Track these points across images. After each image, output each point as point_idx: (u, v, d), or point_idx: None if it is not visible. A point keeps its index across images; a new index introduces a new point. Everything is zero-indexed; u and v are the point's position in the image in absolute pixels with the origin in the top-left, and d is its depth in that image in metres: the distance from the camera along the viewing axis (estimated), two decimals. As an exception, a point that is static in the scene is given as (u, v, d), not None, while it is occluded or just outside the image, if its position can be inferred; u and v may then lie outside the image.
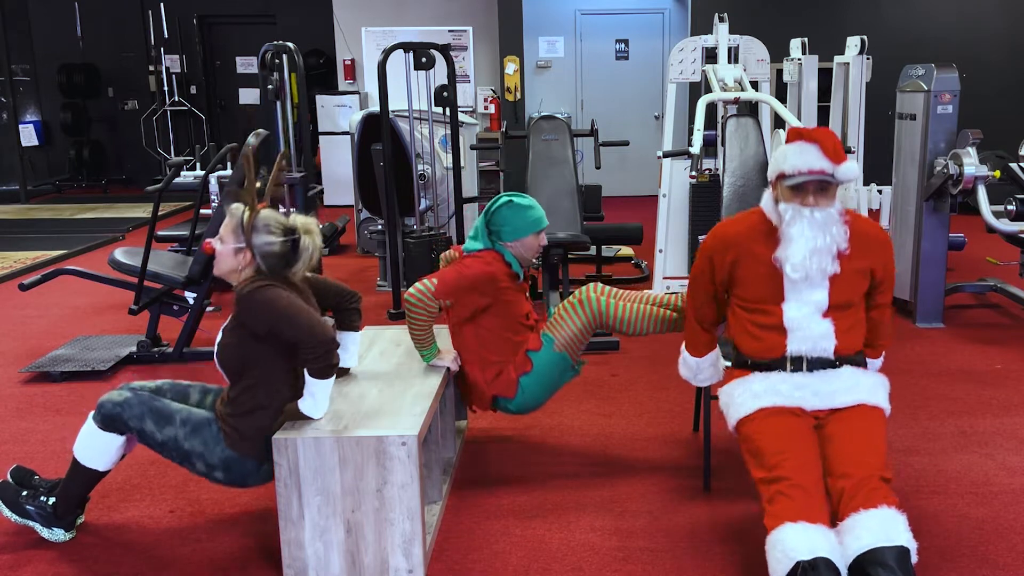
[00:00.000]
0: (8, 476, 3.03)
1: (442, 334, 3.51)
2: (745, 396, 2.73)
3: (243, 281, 2.73)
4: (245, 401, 2.73)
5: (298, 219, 2.79)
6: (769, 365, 2.76)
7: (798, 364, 2.73)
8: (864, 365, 2.81)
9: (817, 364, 2.72)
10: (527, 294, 3.41)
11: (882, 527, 2.36)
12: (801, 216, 2.66)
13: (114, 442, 2.82)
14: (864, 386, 2.72)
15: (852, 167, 2.63)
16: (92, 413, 2.83)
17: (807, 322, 2.71)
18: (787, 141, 2.71)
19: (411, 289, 3.16)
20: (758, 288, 2.76)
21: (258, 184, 2.75)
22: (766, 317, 2.75)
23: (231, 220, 2.74)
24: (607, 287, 3.42)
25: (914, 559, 2.36)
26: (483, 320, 3.25)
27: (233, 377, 2.75)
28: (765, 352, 2.76)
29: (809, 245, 2.64)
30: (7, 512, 2.93)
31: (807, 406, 2.69)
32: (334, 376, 2.69)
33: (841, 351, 2.73)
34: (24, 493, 2.95)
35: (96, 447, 2.83)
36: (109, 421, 2.79)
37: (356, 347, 3.13)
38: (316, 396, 2.68)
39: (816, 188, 2.66)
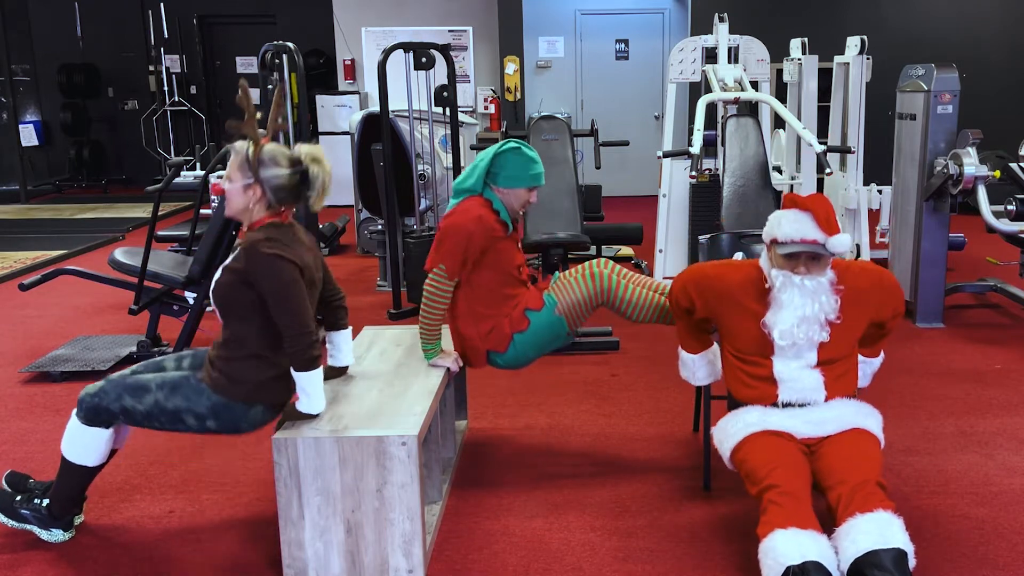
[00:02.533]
0: (2, 482, 3.02)
1: (444, 334, 3.51)
2: (737, 427, 2.78)
3: (258, 225, 2.71)
4: (237, 347, 2.71)
5: (303, 148, 2.76)
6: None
7: (789, 406, 2.78)
8: (854, 396, 2.85)
9: (807, 405, 2.78)
10: (519, 244, 3.38)
11: (879, 530, 2.37)
12: (792, 284, 2.69)
13: (100, 436, 2.81)
14: (852, 414, 2.76)
15: (845, 240, 2.65)
16: (75, 410, 2.83)
17: (797, 375, 2.76)
18: (782, 207, 2.74)
19: (427, 281, 3.16)
20: (748, 342, 2.80)
21: (259, 115, 2.73)
22: (757, 368, 2.80)
23: (236, 157, 2.70)
24: (618, 266, 3.39)
25: (912, 562, 2.37)
26: (474, 276, 3.24)
27: (226, 317, 2.73)
28: (757, 399, 2.81)
29: (798, 314, 2.67)
30: (3, 518, 2.93)
31: (798, 434, 2.73)
32: (320, 369, 2.68)
33: (831, 398, 2.78)
34: (18, 498, 2.94)
35: (83, 443, 2.82)
36: (92, 414, 2.78)
37: (349, 345, 3.11)
38: (308, 392, 2.67)
39: (808, 258, 2.68)
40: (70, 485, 2.88)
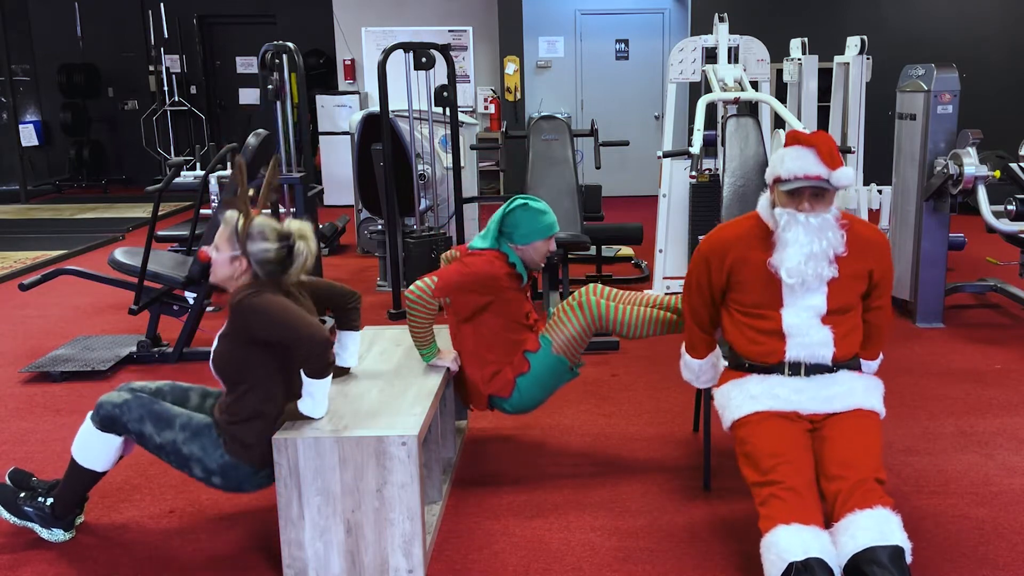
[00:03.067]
0: (6, 478, 3.03)
1: (442, 334, 3.51)
2: (742, 398, 2.73)
3: (238, 289, 2.74)
4: (241, 408, 2.72)
5: (293, 224, 2.80)
6: (766, 369, 2.76)
7: (796, 369, 2.73)
8: (859, 368, 2.81)
9: (814, 369, 2.73)
10: (528, 295, 3.41)
11: (877, 527, 2.37)
12: (796, 221, 2.65)
13: (112, 443, 2.82)
14: (860, 390, 2.73)
15: (848, 173, 2.62)
16: (91, 413, 2.83)
17: (806, 328, 2.71)
18: (785, 145, 2.71)
19: (411, 287, 3.16)
20: (756, 293, 2.76)
21: (251, 192, 2.76)
22: (764, 322, 2.75)
23: (226, 228, 2.75)
24: (606, 289, 3.41)
25: (908, 559, 2.37)
26: (483, 319, 3.25)
27: (229, 384, 2.76)
28: (763, 356, 2.76)
29: (804, 250, 2.64)
30: (6, 514, 2.93)
31: (803, 410, 2.70)
32: (331, 376, 2.69)
33: (839, 357, 2.74)
34: (22, 495, 2.95)
35: (94, 448, 2.82)
36: (108, 422, 2.79)
37: (356, 347, 3.13)
38: (315, 396, 2.68)
39: (812, 193, 2.66)
40: (76, 487, 2.89)
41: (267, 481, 2.81)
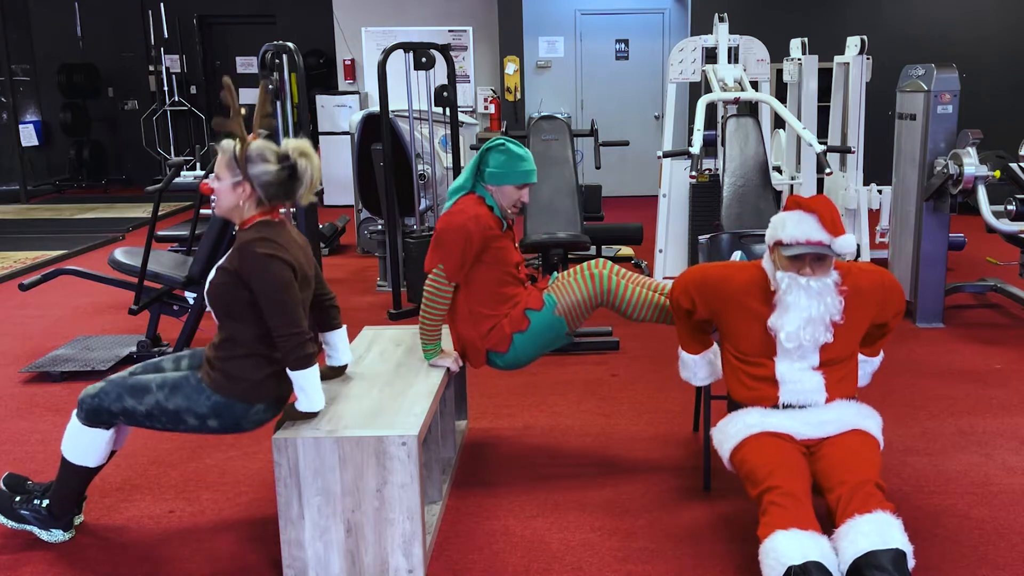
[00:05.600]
0: (1, 484, 3.02)
1: (443, 334, 3.51)
2: (737, 428, 2.78)
3: (248, 224, 2.70)
4: (233, 346, 2.71)
5: (291, 143, 2.74)
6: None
7: (790, 408, 2.78)
8: (854, 400, 2.85)
9: (808, 407, 2.78)
10: (516, 243, 3.38)
11: (878, 531, 2.37)
12: (798, 286, 2.68)
13: (101, 437, 2.81)
14: (852, 414, 2.76)
15: (849, 240, 2.65)
16: (75, 411, 2.83)
17: (799, 376, 2.75)
18: (784, 209, 2.74)
19: (426, 282, 3.16)
20: (751, 343, 2.80)
21: (243, 111, 2.72)
22: (758, 369, 2.80)
23: (224, 155, 2.68)
24: (616, 266, 3.39)
25: (911, 562, 2.37)
26: (473, 276, 3.23)
27: (221, 317, 2.73)
28: (757, 401, 2.81)
29: (804, 315, 2.67)
30: (2, 519, 2.93)
31: (798, 435, 2.73)
32: (315, 367, 2.68)
33: (832, 400, 2.78)
34: (17, 498, 2.94)
35: (83, 444, 2.82)
36: (92, 415, 2.78)
37: (345, 343, 3.10)
38: (305, 390, 2.67)
39: (813, 259, 2.68)
40: (70, 485, 2.88)
41: (265, 416, 2.78)
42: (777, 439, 2.69)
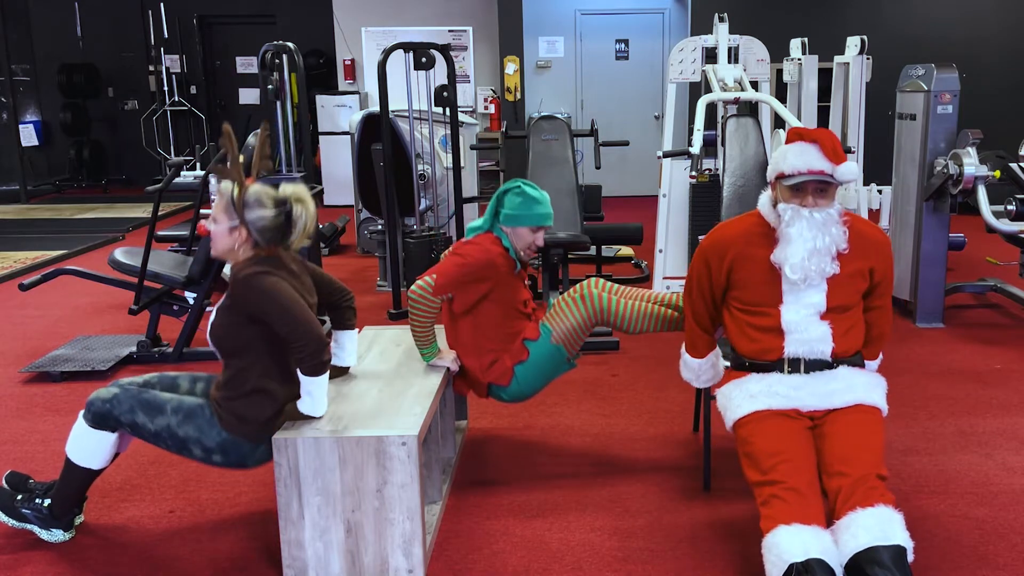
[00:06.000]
0: (3, 482, 3.02)
1: (441, 334, 3.51)
2: (742, 398, 2.74)
3: (241, 261, 2.72)
4: (238, 384, 2.71)
5: (288, 188, 2.76)
6: (766, 367, 2.76)
7: (795, 366, 2.73)
8: (861, 365, 2.81)
9: (814, 366, 2.72)
10: (526, 282, 3.39)
11: (879, 526, 2.37)
12: (800, 216, 2.65)
13: (106, 440, 2.82)
14: (861, 386, 2.72)
15: (852, 167, 2.62)
16: (82, 412, 2.83)
17: (805, 325, 2.71)
18: (787, 141, 2.71)
19: (412, 287, 3.16)
20: (756, 291, 2.76)
21: (241, 158, 2.73)
22: (764, 319, 2.75)
23: (222, 199, 2.71)
24: (608, 283, 3.40)
25: (910, 558, 2.36)
26: (481, 309, 3.24)
27: (226, 358, 2.74)
28: (762, 354, 2.76)
29: (808, 246, 2.64)
30: (4, 517, 2.93)
31: (803, 407, 2.69)
32: (327, 373, 2.69)
33: (838, 353, 2.73)
34: (19, 497, 2.94)
35: (88, 446, 2.82)
36: (100, 419, 2.78)
37: (354, 345, 3.12)
38: (313, 395, 2.68)
39: (816, 188, 2.66)
40: (72, 486, 2.89)
41: (267, 455, 2.79)
42: (783, 420, 2.65)
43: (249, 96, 12.10)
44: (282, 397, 2.75)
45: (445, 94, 5.66)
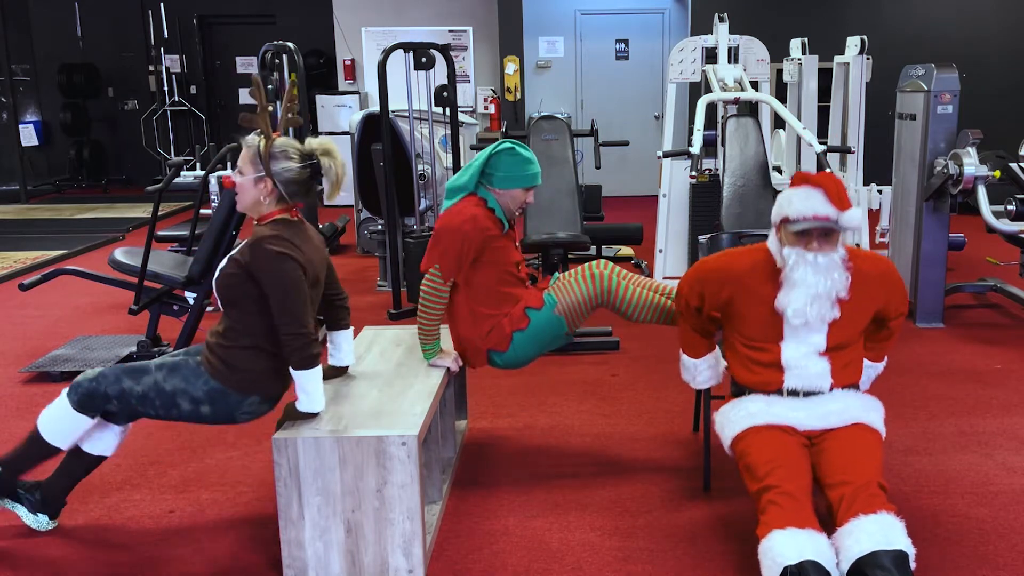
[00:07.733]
0: None
1: (443, 333, 3.51)
2: (740, 416, 2.77)
3: (267, 216, 2.71)
4: (235, 335, 2.72)
5: (314, 142, 2.76)
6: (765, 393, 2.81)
7: (794, 394, 2.77)
8: (858, 388, 2.84)
9: (812, 394, 2.77)
10: (516, 243, 3.38)
11: (881, 531, 2.38)
12: (804, 261, 2.67)
13: (82, 423, 2.81)
14: (858, 407, 2.76)
15: (855, 214, 2.64)
16: (66, 391, 2.82)
17: (804, 361, 2.75)
18: (791, 185, 2.72)
19: (423, 282, 3.17)
20: (757, 327, 2.79)
21: (270, 108, 2.73)
22: (764, 355, 2.79)
23: (248, 151, 2.70)
24: (617, 267, 3.39)
25: (912, 565, 2.37)
26: (474, 275, 3.23)
27: (227, 307, 2.74)
28: (762, 386, 2.80)
29: (811, 291, 2.66)
30: None
31: (800, 426, 2.72)
32: (319, 367, 2.68)
33: (837, 386, 2.78)
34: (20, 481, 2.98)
35: (64, 426, 2.81)
36: (86, 399, 2.78)
37: (350, 345, 3.11)
38: (307, 390, 2.67)
39: (820, 234, 2.67)
40: (30, 459, 2.88)
41: (259, 409, 2.79)
42: (779, 432, 2.67)
43: (249, 96, 12.09)
44: (275, 361, 2.75)
45: (445, 94, 5.66)
